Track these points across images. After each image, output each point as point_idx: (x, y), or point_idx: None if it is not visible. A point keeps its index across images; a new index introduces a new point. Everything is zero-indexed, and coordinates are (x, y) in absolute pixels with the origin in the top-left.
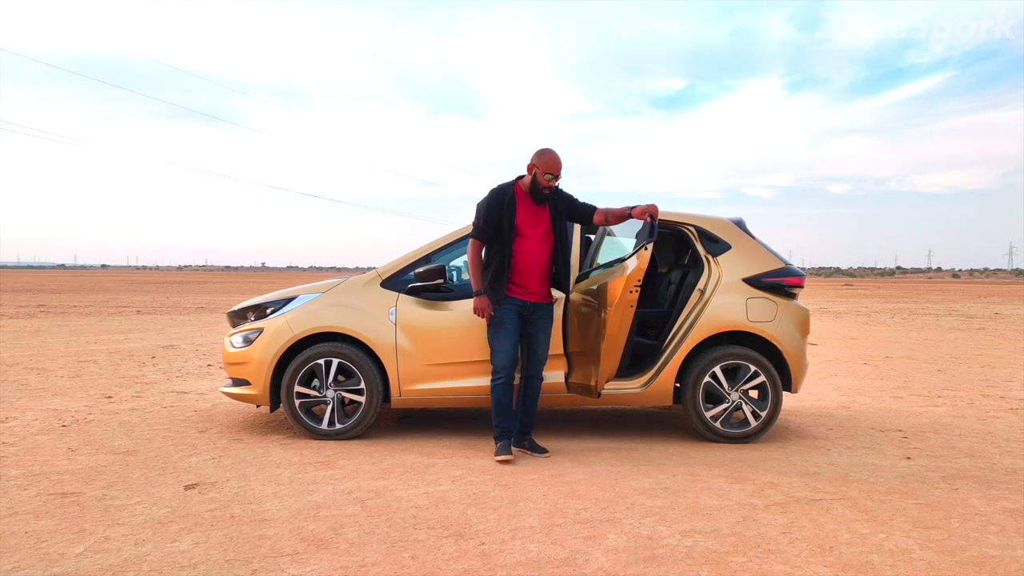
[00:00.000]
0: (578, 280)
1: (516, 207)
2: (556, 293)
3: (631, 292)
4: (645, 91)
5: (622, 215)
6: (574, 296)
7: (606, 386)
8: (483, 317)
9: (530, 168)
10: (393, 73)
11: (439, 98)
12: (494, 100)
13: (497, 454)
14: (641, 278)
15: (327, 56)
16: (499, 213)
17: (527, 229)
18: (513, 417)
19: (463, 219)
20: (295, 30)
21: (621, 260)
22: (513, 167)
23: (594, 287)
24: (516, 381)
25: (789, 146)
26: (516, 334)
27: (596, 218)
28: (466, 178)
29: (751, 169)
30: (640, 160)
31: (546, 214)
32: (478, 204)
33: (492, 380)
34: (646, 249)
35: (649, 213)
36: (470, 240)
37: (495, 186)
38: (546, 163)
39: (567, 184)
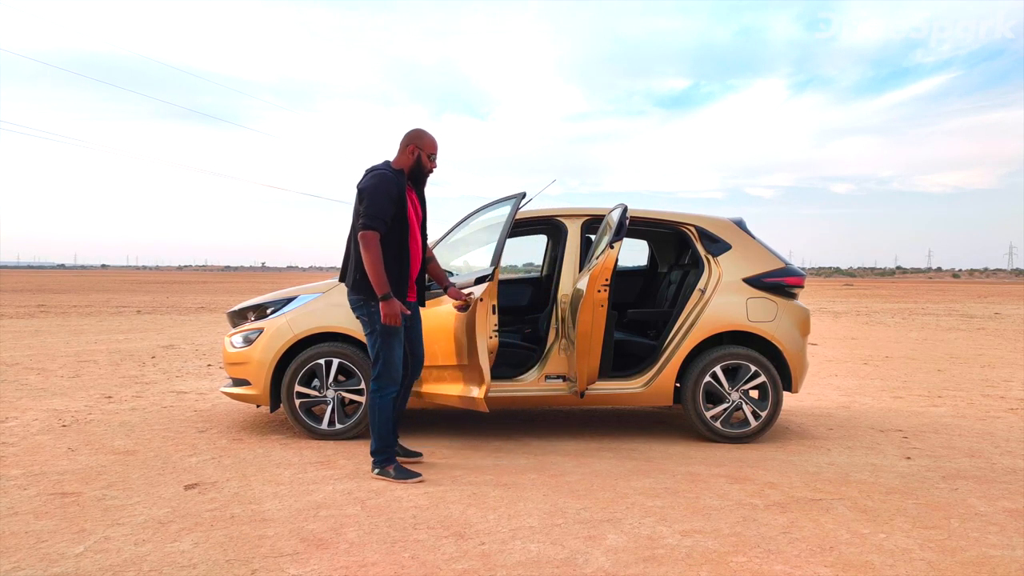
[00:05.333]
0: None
1: (406, 195)
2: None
3: (599, 291)
4: (649, 91)
5: (438, 277)
6: (573, 295)
7: (606, 386)
8: (396, 324)
9: (411, 150)
10: (397, 73)
11: (443, 98)
12: (498, 100)
13: (400, 477)
14: (608, 277)
15: (331, 56)
16: (398, 201)
17: (415, 220)
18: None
19: None
20: (299, 30)
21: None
22: (515, 166)
23: (579, 287)
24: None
25: (793, 146)
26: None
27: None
28: (468, 178)
29: (754, 169)
30: (643, 160)
31: (419, 205)
32: (368, 189)
33: (380, 394)
34: (612, 248)
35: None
36: (363, 233)
37: (377, 170)
38: (430, 143)
39: (569, 184)
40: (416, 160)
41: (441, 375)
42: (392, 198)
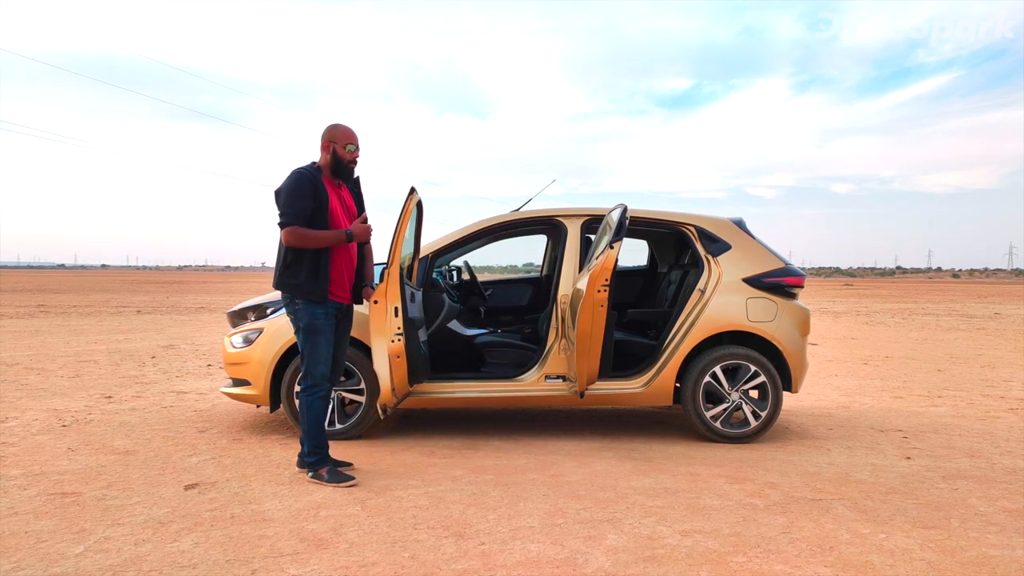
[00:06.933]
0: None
1: (327, 192)
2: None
3: (599, 292)
4: (651, 91)
5: (366, 275)
6: (573, 294)
7: (606, 386)
8: (370, 233)
9: (325, 146)
10: (398, 73)
11: (444, 97)
12: (500, 100)
13: (336, 481)
14: (608, 277)
15: (331, 56)
16: (313, 197)
17: (341, 216)
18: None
19: (465, 219)
20: (300, 29)
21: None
22: (516, 166)
23: (579, 287)
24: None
25: (794, 146)
26: (333, 341)
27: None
28: (469, 178)
29: (755, 169)
30: (644, 160)
31: (351, 201)
32: (282, 189)
33: (308, 393)
34: (612, 248)
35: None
36: (286, 231)
37: (295, 169)
38: (342, 134)
39: (570, 184)
40: (332, 154)
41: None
42: (306, 194)
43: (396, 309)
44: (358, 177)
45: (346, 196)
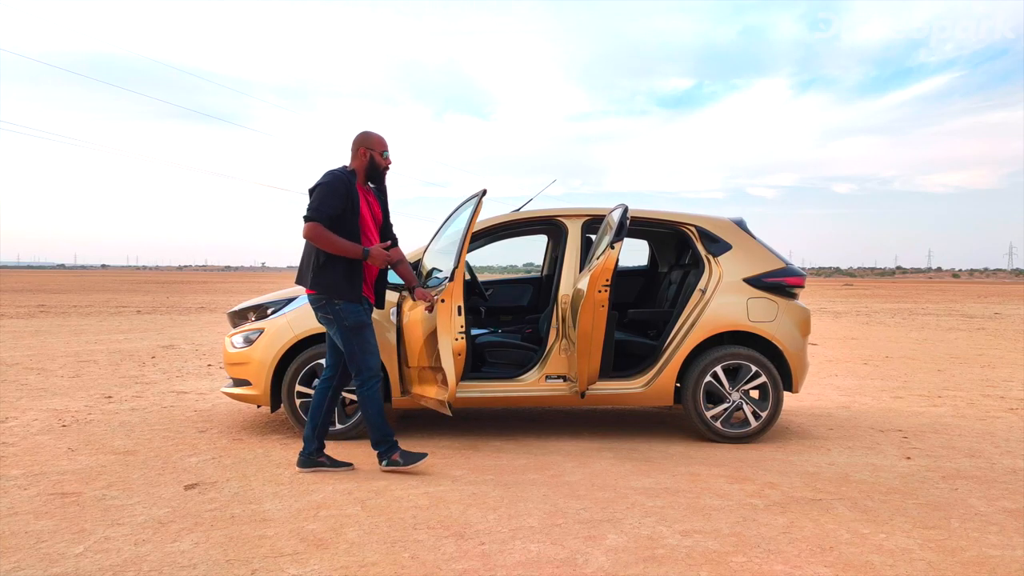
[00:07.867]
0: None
1: (358, 196)
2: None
3: (599, 292)
4: (652, 90)
5: (406, 277)
6: (573, 294)
7: (607, 386)
8: (388, 263)
9: (363, 152)
10: (400, 72)
11: (445, 97)
12: (501, 100)
13: (409, 462)
14: (609, 277)
15: (332, 56)
16: (345, 198)
17: (370, 221)
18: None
19: None
20: (301, 29)
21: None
22: (518, 166)
23: (579, 287)
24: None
25: (795, 146)
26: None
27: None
28: (469, 178)
29: (756, 169)
30: (645, 160)
31: (378, 207)
32: (317, 187)
33: (366, 386)
34: (613, 248)
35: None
36: (308, 225)
37: (331, 170)
38: (378, 142)
39: (570, 184)
40: (369, 160)
41: (423, 375)
42: (339, 195)
43: (459, 308)
44: (385, 186)
45: (373, 202)
